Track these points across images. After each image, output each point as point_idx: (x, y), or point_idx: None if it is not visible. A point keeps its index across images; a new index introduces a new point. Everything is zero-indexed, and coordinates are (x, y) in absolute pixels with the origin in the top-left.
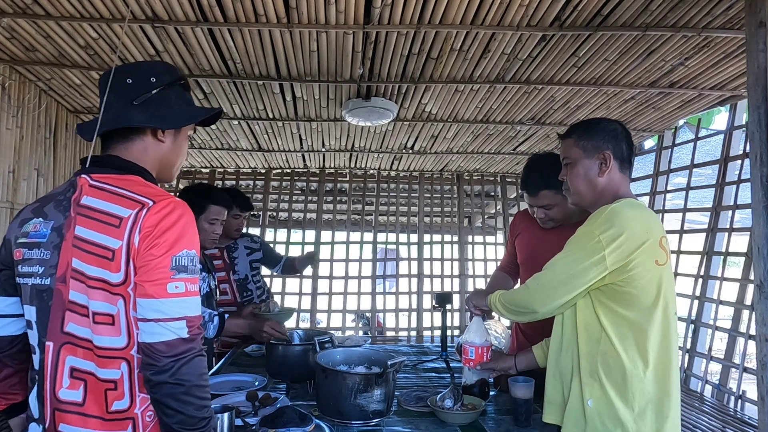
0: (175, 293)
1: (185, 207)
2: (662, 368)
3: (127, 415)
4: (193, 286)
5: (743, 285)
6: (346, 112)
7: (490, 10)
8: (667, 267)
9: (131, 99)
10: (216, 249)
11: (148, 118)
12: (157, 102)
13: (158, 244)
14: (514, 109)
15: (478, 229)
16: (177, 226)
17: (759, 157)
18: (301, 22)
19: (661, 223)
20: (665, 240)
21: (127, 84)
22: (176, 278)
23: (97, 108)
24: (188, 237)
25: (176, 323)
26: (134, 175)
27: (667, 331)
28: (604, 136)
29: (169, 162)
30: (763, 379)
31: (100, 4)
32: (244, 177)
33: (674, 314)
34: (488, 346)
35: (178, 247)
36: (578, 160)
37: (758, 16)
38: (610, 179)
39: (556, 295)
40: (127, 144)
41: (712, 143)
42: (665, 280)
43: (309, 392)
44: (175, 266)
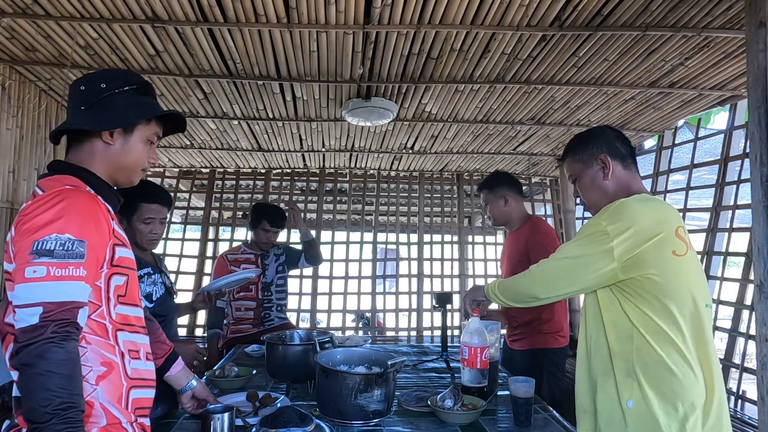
0: (32, 278)
1: (73, 194)
2: (703, 362)
3: None
4: (60, 270)
5: (743, 285)
6: (346, 112)
7: (490, 10)
8: (688, 258)
9: (80, 105)
10: (252, 254)
11: (87, 121)
12: (102, 106)
13: (23, 229)
14: (514, 109)
15: (478, 229)
16: (51, 211)
17: (759, 157)
18: (301, 22)
19: (677, 213)
20: (683, 230)
21: (80, 91)
22: (36, 262)
23: None
24: (64, 221)
25: (29, 309)
26: (68, 175)
27: (700, 324)
28: (596, 142)
29: (121, 163)
30: (763, 379)
31: (100, 4)
32: (244, 177)
33: (706, 306)
34: (484, 347)
35: (44, 231)
36: (581, 173)
37: (758, 16)
38: (616, 180)
39: (561, 284)
40: (77, 148)
41: (712, 143)
42: (688, 270)
43: (309, 392)
44: (36, 250)
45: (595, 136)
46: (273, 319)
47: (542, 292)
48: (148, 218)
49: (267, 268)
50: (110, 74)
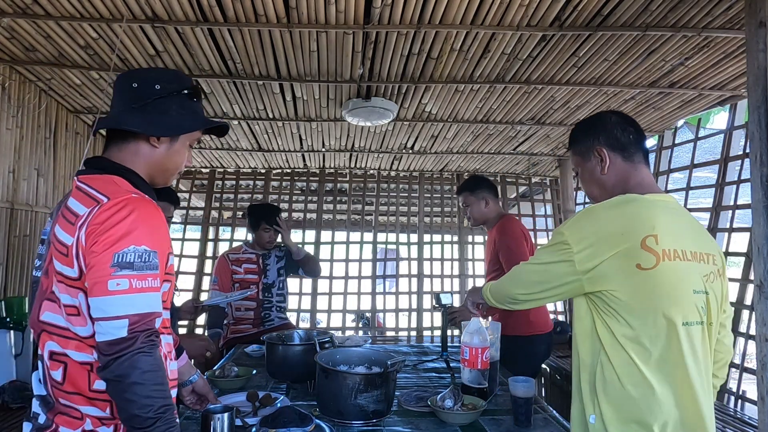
0: (116, 290)
1: (141, 203)
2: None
3: (106, 396)
4: (141, 282)
5: (743, 285)
6: (346, 112)
7: (490, 10)
8: (658, 272)
9: (131, 103)
10: (253, 254)
11: (140, 123)
12: (154, 108)
13: (99, 240)
14: (514, 109)
15: (479, 229)
16: (125, 222)
17: (759, 157)
18: (301, 22)
19: (654, 221)
20: (654, 240)
21: (132, 88)
22: (118, 275)
23: (97, 108)
24: (138, 233)
25: (116, 322)
26: (115, 175)
27: (675, 344)
28: (593, 133)
29: (163, 167)
30: (763, 379)
31: (100, 4)
32: (244, 177)
33: (686, 324)
34: (485, 347)
35: (122, 243)
36: (581, 167)
37: (758, 16)
38: (616, 172)
39: (536, 288)
40: (121, 146)
41: (712, 143)
42: (659, 285)
43: (309, 392)
44: (117, 263)
45: (593, 125)
46: (273, 320)
47: (520, 294)
48: None
49: (268, 269)
50: (165, 75)
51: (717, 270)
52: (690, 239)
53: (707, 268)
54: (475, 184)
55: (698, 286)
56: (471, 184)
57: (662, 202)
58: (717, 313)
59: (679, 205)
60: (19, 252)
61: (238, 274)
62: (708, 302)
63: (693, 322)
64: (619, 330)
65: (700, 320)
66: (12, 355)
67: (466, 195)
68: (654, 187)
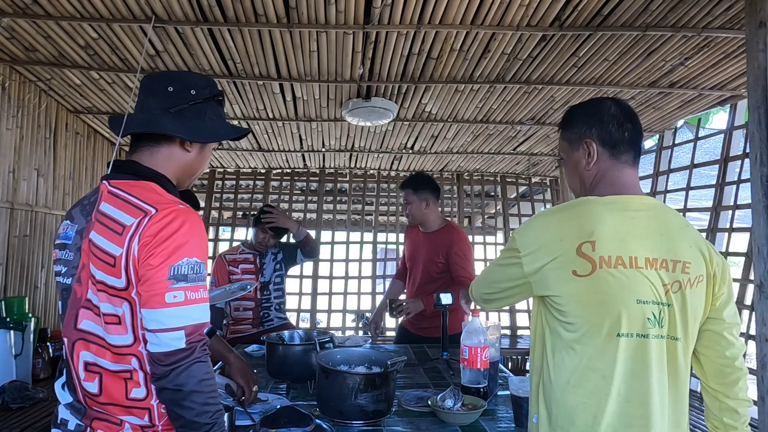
0: (173, 303)
1: (189, 214)
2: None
3: (144, 404)
4: (194, 294)
5: (743, 285)
6: (346, 112)
7: (490, 10)
8: (593, 279)
9: (168, 107)
10: (250, 254)
11: (179, 127)
12: (192, 114)
13: (155, 253)
14: (514, 109)
15: (478, 229)
16: (177, 234)
17: (759, 157)
18: (301, 22)
19: (595, 226)
20: (590, 246)
21: (168, 91)
22: (174, 288)
23: (97, 108)
24: (190, 245)
25: (173, 333)
26: (150, 181)
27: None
28: (586, 122)
29: (191, 171)
30: (763, 379)
31: (100, 4)
32: (244, 177)
33: (623, 336)
34: (484, 347)
35: (177, 256)
36: (567, 155)
37: (758, 16)
38: (598, 170)
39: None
40: (153, 149)
41: (712, 143)
42: (594, 293)
43: (309, 392)
44: (173, 276)
45: (589, 113)
46: (272, 319)
47: (485, 294)
48: None
49: (265, 267)
50: (199, 80)
51: (690, 279)
52: (650, 245)
53: (670, 277)
54: (420, 184)
55: (648, 296)
56: (416, 182)
57: (620, 204)
58: (685, 328)
59: (651, 206)
60: (19, 252)
61: (235, 274)
62: (670, 314)
63: (637, 334)
64: (558, 335)
65: (651, 334)
66: (12, 355)
67: (409, 192)
68: (628, 188)
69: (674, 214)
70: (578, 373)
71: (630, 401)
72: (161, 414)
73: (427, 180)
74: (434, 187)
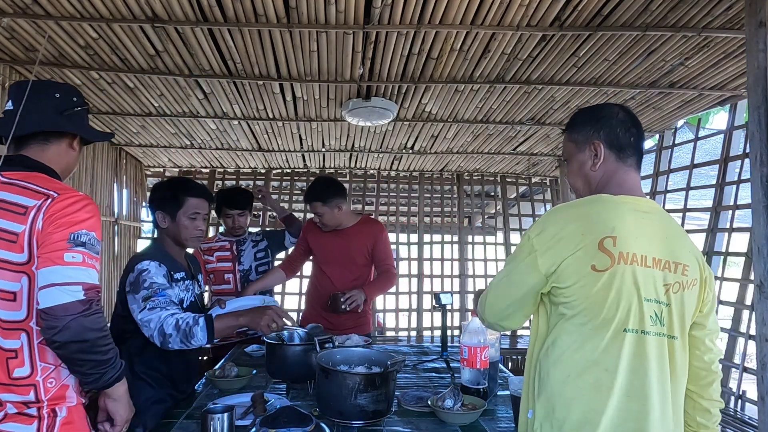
0: (72, 261)
1: (89, 200)
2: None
3: (29, 382)
4: (91, 260)
5: (743, 285)
6: (346, 112)
7: (490, 10)
8: (610, 274)
9: (60, 110)
10: (227, 242)
11: (76, 127)
12: (79, 118)
13: (59, 224)
14: (514, 109)
15: (478, 229)
16: (80, 211)
17: (759, 157)
18: (301, 22)
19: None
20: (612, 241)
21: (56, 97)
22: (74, 250)
23: (97, 108)
24: (90, 222)
25: (73, 287)
26: (40, 173)
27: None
28: (594, 125)
29: (70, 167)
30: (763, 379)
31: (100, 4)
32: (244, 177)
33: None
34: (484, 347)
35: (77, 227)
36: (572, 156)
37: (758, 16)
38: (604, 171)
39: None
40: (43, 146)
41: (712, 143)
42: (608, 288)
43: (309, 392)
44: (73, 240)
45: (596, 116)
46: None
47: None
48: (194, 213)
49: (242, 255)
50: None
51: (687, 282)
52: (657, 245)
53: (672, 278)
54: (328, 194)
55: (651, 295)
56: (322, 193)
57: (632, 204)
58: (682, 328)
59: (656, 210)
60: None
61: (210, 263)
62: (669, 313)
63: (641, 330)
64: (563, 328)
65: (652, 331)
66: None
67: (318, 206)
68: (635, 190)
69: (673, 219)
70: (581, 366)
71: (629, 396)
72: (47, 389)
73: (331, 184)
74: (340, 188)
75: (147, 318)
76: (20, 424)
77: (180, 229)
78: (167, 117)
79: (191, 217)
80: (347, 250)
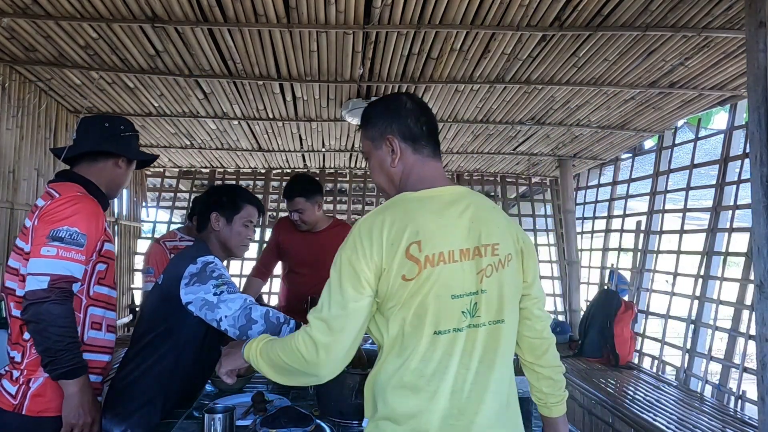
0: (46, 255)
1: (83, 200)
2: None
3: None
4: (67, 253)
5: (743, 285)
6: (346, 112)
7: (490, 10)
8: (419, 280)
9: (107, 136)
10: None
11: (118, 149)
12: (124, 141)
13: (46, 221)
14: (514, 109)
15: None
16: (66, 211)
17: (759, 157)
18: (301, 22)
19: (419, 224)
20: (417, 247)
21: (104, 126)
22: (50, 244)
23: (97, 108)
24: (74, 219)
25: (40, 277)
26: (75, 183)
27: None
28: (385, 119)
29: (116, 182)
30: (763, 379)
31: (100, 4)
32: (244, 177)
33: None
34: None
35: (59, 224)
36: (371, 154)
37: (758, 16)
38: (404, 166)
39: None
40: (90, 165)
41: (712, 143)
42: (417, 294)
43: (309, 392)
44: (51, 236)
45: (387, 109)
46: None
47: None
48: (249, 221)
49: None
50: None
51: (501, 260)
52: (463, 235)
53: (484, 262)
54: (310, 190)
55: (461, 290)
56: (306, 189)
57: (436, 197)
58: (507, 307)
59: (462, 196)
60: None
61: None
62: (488, 300)
63: (452, 329)
64: (389, 338)
65: (460, 327)
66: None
67: (301, 202)
68: (437, 180)
69: (482, 198)
70: (401, 373)
71: (453, 394)
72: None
73: (312, 181)
74: (320, 186)
75: (226, 299)
76: (10, 384)
77: (233, 234)
78: (167, 117)
79: (245, 225)
80: (321, 252)
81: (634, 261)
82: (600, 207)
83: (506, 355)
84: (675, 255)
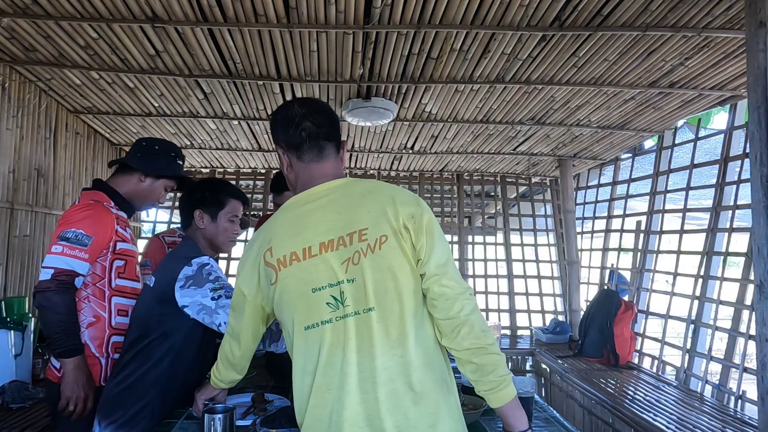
0: (54, 252)
1: (96, 207)
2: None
3: None
4: (70, 251)
5: (743, 285)
6: (346, 112)
7: (490, 10)
8: (280, 283)
9: (139, 153)
10: None
11: (138, 164)
12: (150, 159)
13: (60, 224)
14: (514, 109)
15: (478, 229)
16: (78, 215)
17: (759, 157)
18: (301, 22)
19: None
20: (269, 253)
21: (141, 146)
22: (59, 243)
23: (97, 108)
24: (82, 223)
25: (46, 270)
26: (101, 191)
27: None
28: (275, 130)
29: (139, 194)
30: (763, 379)
31: (100, 4)
32: (244, 177)
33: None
34: None
35: (67, 226)
36: (282, 166)
37: (758, 16)
38: (294, 173)
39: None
40: (122, 176)
41: (712, 143)
42: (282, 295)
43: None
44: (60, 236)
45: (275, 121)
46: None
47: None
48: (234, 215)
49: None
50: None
51: (371, 244)
52: (325, 228)
53: (350, 250)
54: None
55: (323, 282)
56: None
57: (303, 198)
58: (384, 293)
59: (333, 188)
60: (19, 252)
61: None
62: (356, 288)
63: (319, 322)
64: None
65: (328, 319)
66: (12, 355)
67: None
68: (312, 181)
69: (360, 184)
70: (294, 373)
71: (330, 389)
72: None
73: None
74: None
75: (224, 304)
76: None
77: (219, 231)
78: (167, 117)
79: (231, 220)
80: None
81: (634, 261)
82: (600, 207)
83: (388, 343)
84: (675, 255)
